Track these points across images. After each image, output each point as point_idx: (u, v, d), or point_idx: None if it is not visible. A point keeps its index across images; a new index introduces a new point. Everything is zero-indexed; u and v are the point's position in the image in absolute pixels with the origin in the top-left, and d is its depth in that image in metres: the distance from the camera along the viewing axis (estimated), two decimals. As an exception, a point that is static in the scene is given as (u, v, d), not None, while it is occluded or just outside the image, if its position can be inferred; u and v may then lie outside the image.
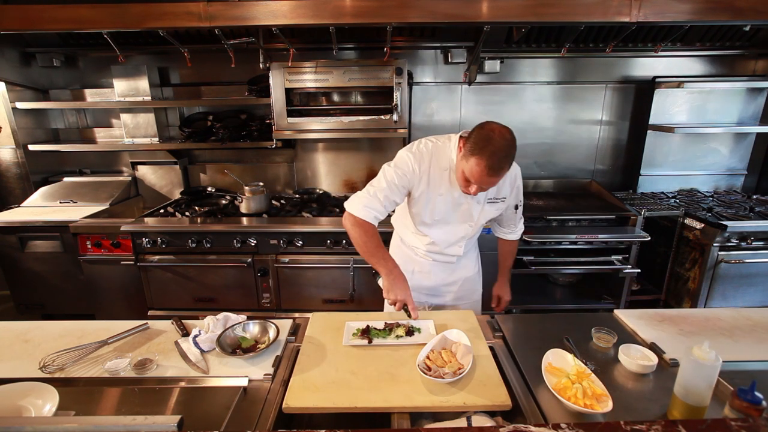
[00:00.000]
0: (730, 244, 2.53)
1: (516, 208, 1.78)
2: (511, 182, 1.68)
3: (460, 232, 1.69)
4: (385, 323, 1.51)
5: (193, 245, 2.55)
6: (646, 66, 3.11)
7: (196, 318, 1.57)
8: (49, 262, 2.81)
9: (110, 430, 0.83)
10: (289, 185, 3.37)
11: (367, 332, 1.45)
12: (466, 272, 1.83)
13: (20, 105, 2.94)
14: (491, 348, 1.40)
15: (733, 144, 3.20)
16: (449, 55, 3.02)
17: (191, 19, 2.27)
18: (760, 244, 2.54)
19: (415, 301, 1.55)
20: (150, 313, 2.71)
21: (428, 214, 1.64)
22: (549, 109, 3.20)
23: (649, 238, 2.56)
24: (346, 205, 1.60)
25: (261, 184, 2.84)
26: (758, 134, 3.17)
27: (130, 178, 3.32)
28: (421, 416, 1.20)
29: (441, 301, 1.83)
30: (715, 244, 2.51)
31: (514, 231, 1.89)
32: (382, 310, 1.90)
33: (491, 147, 1.33)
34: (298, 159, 3.31)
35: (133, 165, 3.31)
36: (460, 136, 1.51)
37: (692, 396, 1.01)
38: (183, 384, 1.24)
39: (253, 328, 1.46)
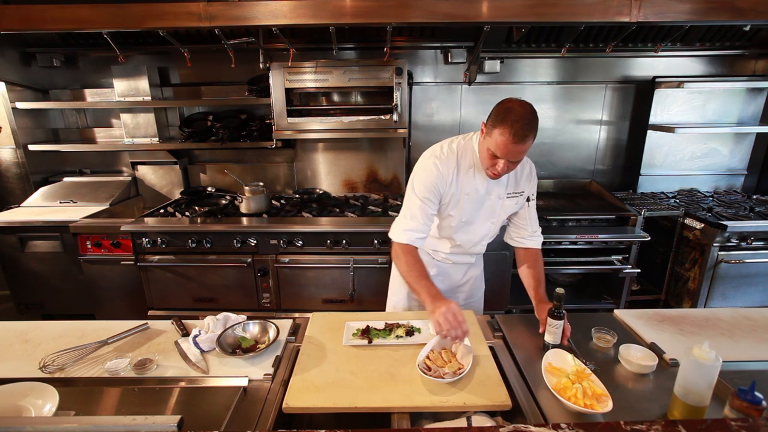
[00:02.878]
0: (730, 244, 2.53)
1: (528, 200, 1.69)
2: (528, 176, 1.66)
3: (483, 230, 1.69)
4: (386, 323, 1.51)
5: (193, 245, 2.55)
6: (646, 66, 3.11)
7: (196, 318, 1.57)
8: (49, 262, 2.81)
9: (110, 430, 0.83)
10: (289, 185, 3.37)
11: (367, 332, 1.45)
12: (475, 271, 1.85)
13: (20, 105, 2.94)
14: (491, 348, 1.40)
15: (733, 144, 3.20)
16: (449, 55, 3.02)
17: (191, 19, 2.28)
18: (760, 244, 2.54)
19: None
20: (150, 313, 2.71)
21: (457, 216, 1.63)
22: (549, 109, 3.20)
23: (649, 238, 2.56)
24: (390, 235, 1.59)
25: (261, 184, 2.84)
26: (758, 134, 3.17)
27: (130, 178, 3.32)
28: (421, 416, 1.20)
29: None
30: (715, 244, 2.51)
31: (533, 236, 1.70)
32: (382, 310, 1.90)
33: (513, 116, 1.34)
34: (298, 159, 3.31)
35: (133, 165, 3.31)
36: (483, 123, 1.49)
37: (692, 396, 1.01)
38: (183, 384, 1.24)
39: (253, 328, 1.46)
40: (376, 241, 2.54)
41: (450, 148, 1.57)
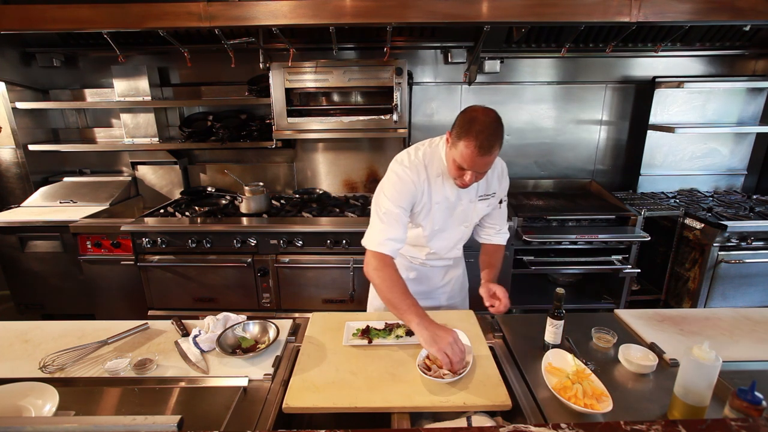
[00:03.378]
0: (730, 244, 2.53)
1: (501, 202, 1.69)
2: (499, 176, 1.64)
3: (457, 235, 1.68)
4: (386, 323, 1.51)
5: (193, 245, 2.55)
6: (646, 66, 3.11)
7: (196, 318, 1.57)
8: (49, 262, 2.81)
9: (110, 430, 0.83)
10: (289, 185, 3.37)
11: (367, 332, 1.45)
12: (455, 272, 1.83)
13: (20, 105, 2.94)
14: (491, 348, 1.40)
15: (733, 144, 3.20)
16: (449, 55, 3.02)
17: (191, 19, 2.28)
18: (760, 244, 2.54)
19: None
20: (150, 313, 2.71)
21: (429, 226, 1.61)
22: (549, 109, 3.20)
23: (649, 238, 2.56)
24: (364, 243, 1.49)
25: (261, 184, 2.84)
26: (758, 134, 3.17)
27: (130, 178, 3.32)
28: (421, 416, 1.20)
29: (436, 302, 1.82)
30: (715, 244, 2.51)
31: (499, 233, 1.74)
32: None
33: (477, 126, 1.30)
34: (298, 159, 3.31)
35: (133, 165, 3.31)
36: (448, 132, 1.45)
37: (692, 396, 1.01)
38: (183, 384, 1.24)
39: (253, 328, 1.46)
40: (376, 241, 2.53)
41: (417, 157, 1.52)
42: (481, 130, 1.29)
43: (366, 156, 3.28)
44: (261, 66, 2.83)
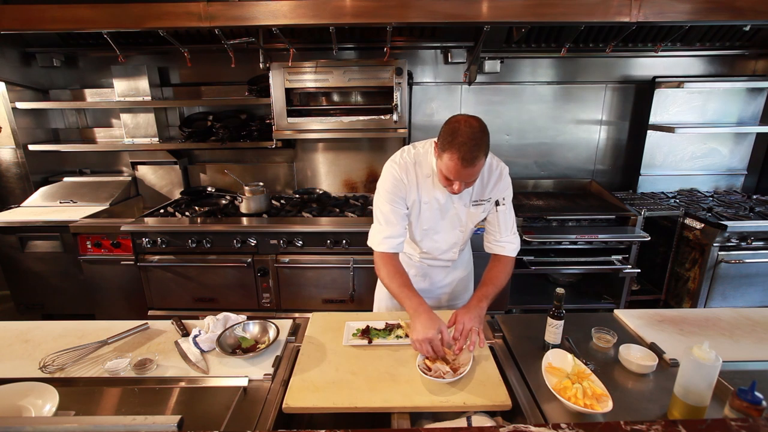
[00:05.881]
0: (730, 244, 2.53)
1: (498, 204, 1.59)
2: (496, 181, 1.58)
3: (451, 238, 1.67)
4: (386, 323, 1.51)
5: (193, 245, 2.55)
6: (646, 66, 3.11)
7: (196, 318, 1.57)
8: (49, 262, 2.81)
9: (110, 430, 0.83)
10: (289, 185, 3.37)
11: (367, 332, 1.45)
12: (460, 273, 1.82)
13: (20, 105, 2.94)
14: (491, 348, 1.40)
15: (733, 144, 3.20)
16: (449, 55, 3.02)
17: (191, 19, 2.27)
18: (760, 244, 2.54)
19: None
20: (150, 313, 2.71)
21: (418, 225, 1.63)
22: (549, 109, 3.20)
23: (649, 238, 2.56)
24: (369, 243, 1.58)
25: (261, 184, 2.84)
26: (758, 134, 3.17)
27: (130, 178, 3.32)
28: (421, 416, 1.20)
29: (436, 302, 1.82)
30: (715, 244, 2.51)
31: (499, 242, 1.62)
32: (382, 310, 1.90)
33: (459, 138, 1.30)
34: (298, 159, 3.31)
35: (133, 165, 3.31)
36: (434, 141, 1.45)
37: (692, 396, 1.01)
38: (183, 384, 1.24)
39: (253, 328, 1.46)
40: (376, 241, 2.53)
41: (409, 156, 1.55)
42: (463, 142, 1.29)
43: (366, 156, 3.28)
44: (261, 66, 2.83)
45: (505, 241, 1.62)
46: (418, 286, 1.77)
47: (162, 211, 2.86)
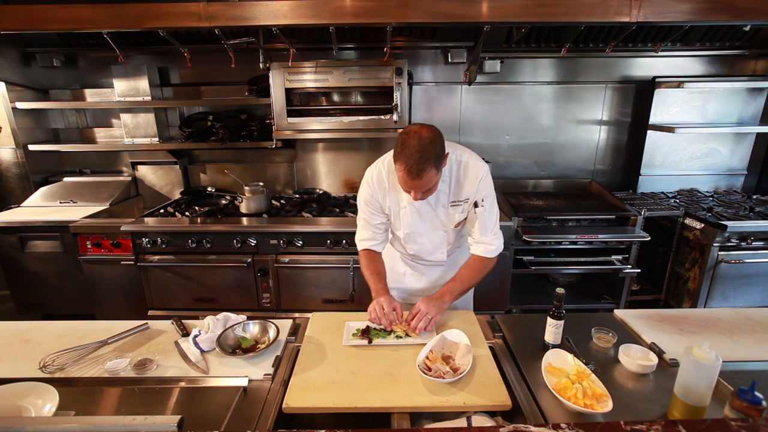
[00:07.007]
0: (730, 244, 2.53)
1: (476, 205, 1.57)
2: (472, 181, 1.55)
3: (436, 239, 1.68)
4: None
5: (193, 245, 2.55)
6: (646, 66, 3.11)
7: (196, 318, 1.57)
8: (49, 262, 2.81)
9: (110, 430, 0.83)
10: (289, 185, 3.37)
11: (367, 332, 1.45)
12: (454, 274, 1.82)
13: (20, 105, 2.94)
14: (491, 348, 1.40)
15: (733, 144, 3.20)
16: (449, 55, 3.02)
17: (191, 19, 2.27)
18: (760, 244, 2.54)
19: (411, 304, 1.55)
20: (150, 313, 2.71)
21: (399, 227, 1.66)
22: (549, 109, 3.20)
23: (649, 238, 2.56)
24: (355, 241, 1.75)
25: (261, 184, 2.84)
26: (758, 134, 3.17)
27: (130, 178, 3.32)
28: (421, 416, 1.20)
29: None
30: (715, 244, 2.51)
31: (477, 242, 1.62)
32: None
33: (406, 151, 1.32)
34: (298, 159, 3.31)
35: (133, 165, 3.31)
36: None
37: (692, 396, 1.01)
38: (183, 384, 1.24)
39: (253, 328, 1.46)
40: (376, 241, 2.53)
41: (383, 166, 1.60)
42: (410, 155, 1.31)
43: (366, 156, 3.28)
44: (261, 66, 2.83)
45: (484, 241, 1.62)
46: (416, 286, 1.80)
47: (162, 211, 2.86)
